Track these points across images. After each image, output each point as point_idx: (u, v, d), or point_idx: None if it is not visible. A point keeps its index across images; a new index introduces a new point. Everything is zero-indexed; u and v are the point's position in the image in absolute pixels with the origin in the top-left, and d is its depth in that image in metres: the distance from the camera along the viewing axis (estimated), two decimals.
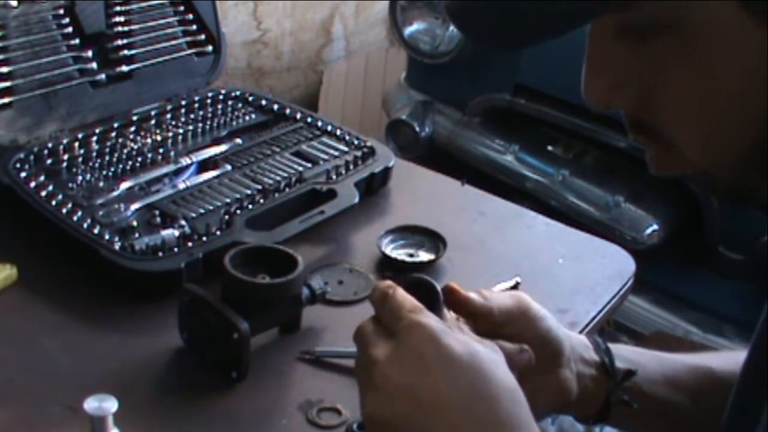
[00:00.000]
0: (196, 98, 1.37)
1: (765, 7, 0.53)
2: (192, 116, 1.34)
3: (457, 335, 0.67)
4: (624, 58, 0.60)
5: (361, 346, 0.70)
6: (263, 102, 1.40)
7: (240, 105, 1.39)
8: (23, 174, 1.14)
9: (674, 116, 0.60)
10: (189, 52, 1.40)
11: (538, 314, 0.79)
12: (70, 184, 1.15)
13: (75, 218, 1.07)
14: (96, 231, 1.05)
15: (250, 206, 1.13)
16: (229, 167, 1.23)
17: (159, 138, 1.27)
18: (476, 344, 0.67)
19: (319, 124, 1.35)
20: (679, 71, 0.57)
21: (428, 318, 0.67)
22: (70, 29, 1.27)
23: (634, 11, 0.57)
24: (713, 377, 0.85)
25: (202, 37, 1.41)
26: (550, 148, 2.12)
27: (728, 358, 0.86)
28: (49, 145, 1.20)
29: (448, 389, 0.63)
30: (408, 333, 0.66)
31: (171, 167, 1.22)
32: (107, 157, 1.21)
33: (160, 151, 1.25)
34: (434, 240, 1.15)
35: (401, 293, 0.70)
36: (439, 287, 0.74)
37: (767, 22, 0.53)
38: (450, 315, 0.74)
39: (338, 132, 1.33)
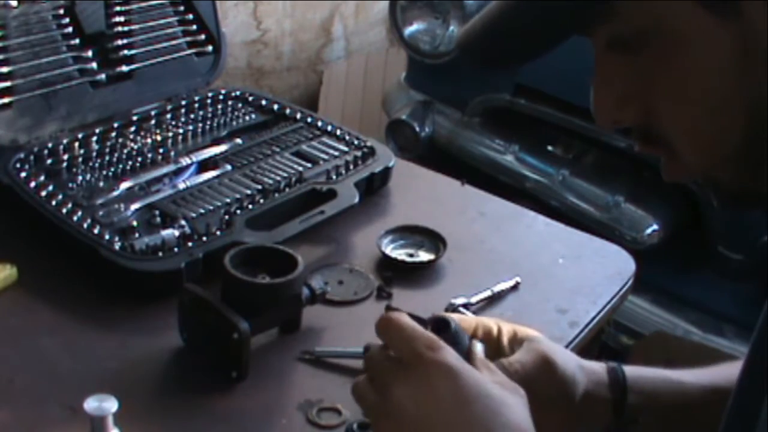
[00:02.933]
0: (196, 98, 1.37)
1: (724, 8, 0.56)
2: (192, 116, 1.34)
3: (475, 375, 0.67)
4: (621, 72, 0.63)
5: (374, 373, 0.71)
6: (263, 102, 1.40)
7: (240, 105, 1.39)
8: (23, 174, 1.14)
9: (671, 122, 0.62)
10: (189, 52, 1.40)
11: (561, 369, 0.80)
12: (70, 184, 1.15)
13: (75, 218, 1.07)
14: (96, 231, 1.05)
15: (250, 206, 1.13)
16: (229, 167, 1.23)
17: (159, 138, 1.27)
18: (494, 386, 0.67)
19: (319, 124, 1.35)
20: (667, 78, 0.60)
21: (446, 355, 0.68)
22: (70, 29, 1.27)
23: (616, 21, 0.60)
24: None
25: (202, 37, 1.41)
26: (550, 148, 2.12)
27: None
28: (49, 145, 1.20)
29: (461, 427, 0.65)
30: (425, 368, 0.67)
31: (171, 167, 1.22)
32: (107, 157, 1.21)
33: (160, 151, 1.25)
34: (434, 240, 1.15)
35: (411, 325, 0.70)
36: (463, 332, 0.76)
37: (730, 21, 0.56)
38: (479, 351, 0.74)
39: (338, 132, 1.33)
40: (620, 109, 0.64)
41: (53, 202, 1.09)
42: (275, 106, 1.39)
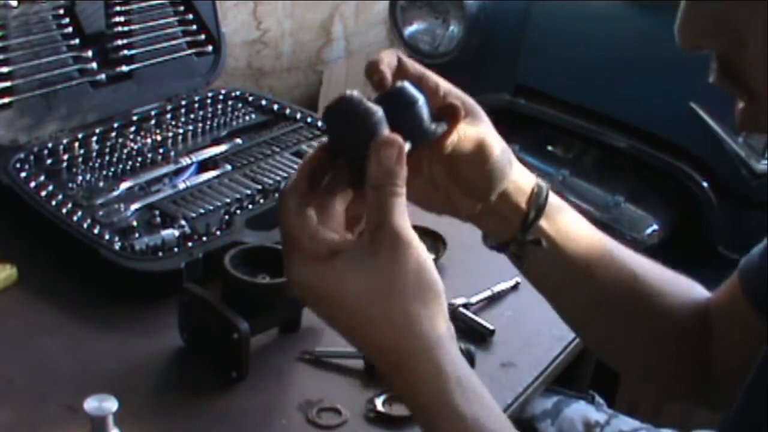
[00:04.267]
0: (196, 98, 1.37)
1: None
2: (192, 116, 1.34)
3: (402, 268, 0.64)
4: (721, 2, 0.59)
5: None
6: (263, 102, 1.40)
7: (240, 105, 1.39)
8: (23, 174, 1.14)
9: (758, 61, 0.59)
10: (189, 52, 1.40)
11: (496, 162, 0.76)
12: (70, 184, 1.15)
13: (75, 218, 1.07)
14: (96, 231, 1.05)
15: (250, 206, 1.13)
16: (229, 167, 1.23)
17: (159, 138, 1.27)
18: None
19: (319, 124, 1.35)
20: None
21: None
22: (70, 29, 1.27)
23: None
24: (635, 276, 0.84)
25: (202, 37, 1.41)
26: (550, 148, 2.12)
27: (661, 271, 0.87)
28: (49, 145, 1.20)
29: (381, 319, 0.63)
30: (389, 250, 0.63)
31: (171, 167, 1.21)
32: (107, 157, 1.21)
33: (160, 151, 1.24)
34: (434, 240, 1.15)
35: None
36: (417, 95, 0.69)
37: None
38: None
39: None
40: (708, 34, 0.61)
41: (53, 202, 1.09)
42: (275, 106, 1.39)
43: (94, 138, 1.24)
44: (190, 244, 1.05)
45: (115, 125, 1.27)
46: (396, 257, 0.63)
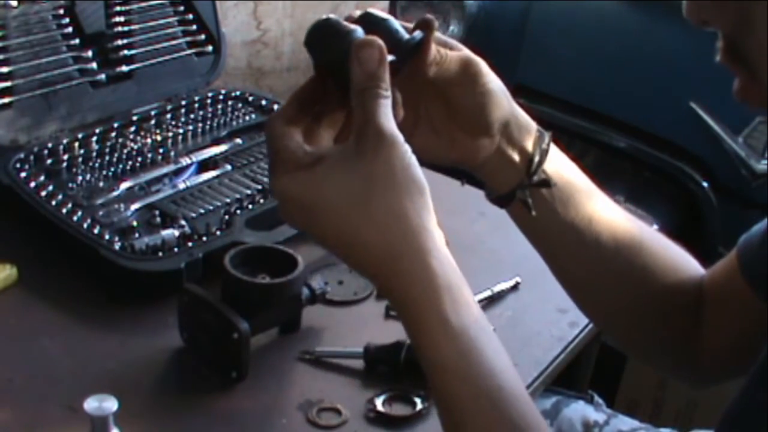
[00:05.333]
0: (196, 98, 1.37)
1: None
2: (192, 116, 1.34)
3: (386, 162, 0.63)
4: None
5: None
6: (263, 102, 1.40)
7: (240, 105, 1.39)
8: (23, 174, 1.14)
9: (760, 43, 0.58)
10: (189, 52, 1.40)
11: (485, 83, 0.76)
12: (70, 184, 1.15)
13: (75, 218, 1.07)
14: (96, 231, 1.05)
15: (250, 206, 1.13)
16: (229, 167, 1.23)
17: (159, 138, 1.27)
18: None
19: None
20: None
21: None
22: (70, 29, 1.27)
23: None
24: (633, 238, 0.84)
25: (202, 37, 1.41)
26: None
27: (655, 236, 0.87)
28: (49, 145, 1.20)
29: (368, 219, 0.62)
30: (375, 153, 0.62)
31: (171, 167, 1.21)
32: (107, 157, 1.21)
33: (160, 151, 1.24)
34: None
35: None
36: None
37: None
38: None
39: None
40: (715, 8, 0.59)
41: (53, 202, 1.09)
42: (275, 106, 1.39)
43: (94, 138, 1.24)
44: (190, 244, 1.05)
45: (115, 125, 1.27)
46: (382, 154, 0.62)
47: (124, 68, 1.32)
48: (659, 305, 0.86)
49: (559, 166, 0.81)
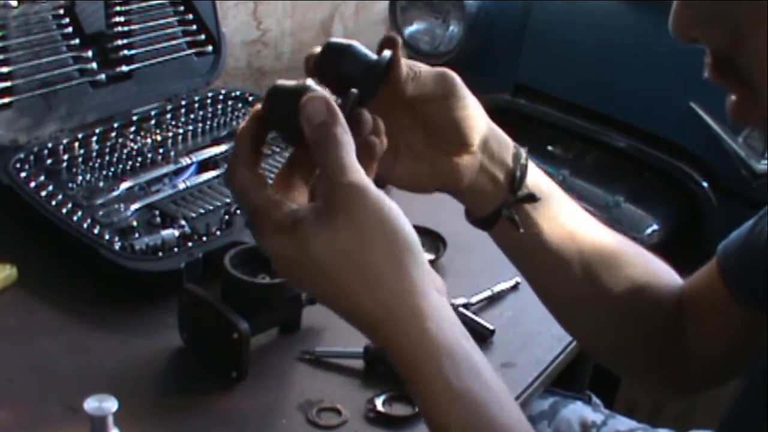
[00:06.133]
0: (196, 98, 1.37)
1: None
2: (192, 116, 1.34)
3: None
4: None
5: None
6: None
7: (240, 105, 1.39)
8: (23, 174, 1.14)
9: (757, 57, 0.55)
10: (189, 52, 1.40)
11: (463, 96, 0.74)
12: (70, 184, 1.15)
13: (75, 218, 1.07)
14: (96, 231, 1.05)
15: None
16: None
17: (159, 138, 1.27)
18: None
19: None
20: None
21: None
22: (70, 29, 1.27)
23: None
24: (614, 251, 0.83)
25: (202, 37, 1.41)
26: (550, 148, 2.12)
27: (636, 249, 0.85)
28: (49, 145, 1.20)
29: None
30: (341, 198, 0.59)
31: (171, 167, 1.22)
32: (107, 157, 1.21)
33: (160, 151, 1.25)
34: (434, 240, 1.15)
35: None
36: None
37: None
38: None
39: None
40: (704, 25, 0.57)
41: (53, 202, 1.09)
42: None
43: (94, 138, 1.24)
44: (190, 244, 1.05)
45: (115, 125, 1.27)
46: (352, 213, 0.58)
47: (124, 68, 1.32)
48: (642, 319, 0.85)
49: (538, 180, 0.79)
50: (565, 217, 0.81)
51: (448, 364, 0.59)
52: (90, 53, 1.29)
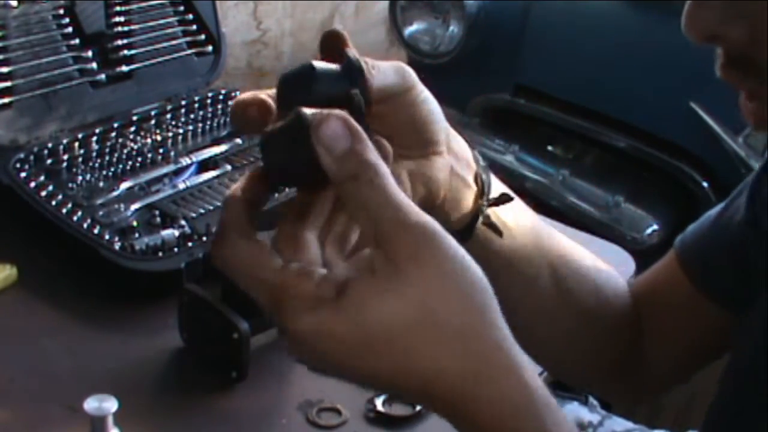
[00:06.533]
0: (196, 98, 1.37)
1: None
2: (192, 116, 1.34)
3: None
4: None
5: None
6: None
7: None
8: (23, 174, 1.14)
9: None
10: (189, 52, 1.40)
11: (422, 89, 0.65)
12: (70, 184, 1.15)
13: (75, 218, 1.07)
14: (96, 231, 1.05)
15: None
16: (229, 167, 1.23)
17: (159, 138, 1.27)
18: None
19: None
20: None
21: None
22: (70, 29, 1.27)
23: None
24: (570, 252, 0.80)
25: (202, 37, 1.41)
26: (550, 148, 2.12)
27: (583, 250, 0.82)
28: (49, 145, 1.20)
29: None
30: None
31: (171, 167, 1.21)
32: (107, 157, 1.21)
33: (160, 151, 1.24)
34: None
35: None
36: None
37: None
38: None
39: None
40: (725, 23, 0.54)
41: (53, 202, 1.09)
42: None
43: (94, 138, 1.24)
44: (190, 244, 1.05)
45: (115, 125, 1.27)
46: (425, 260, 0.48)
47: (124, 68, 1.32)
48: (605, 319, 0.83)
49: (494, 180, 0.74)
50: (526, 218, 0.76)
51: (550, 420, 0.50)
52: (90, 53, 1.29)
